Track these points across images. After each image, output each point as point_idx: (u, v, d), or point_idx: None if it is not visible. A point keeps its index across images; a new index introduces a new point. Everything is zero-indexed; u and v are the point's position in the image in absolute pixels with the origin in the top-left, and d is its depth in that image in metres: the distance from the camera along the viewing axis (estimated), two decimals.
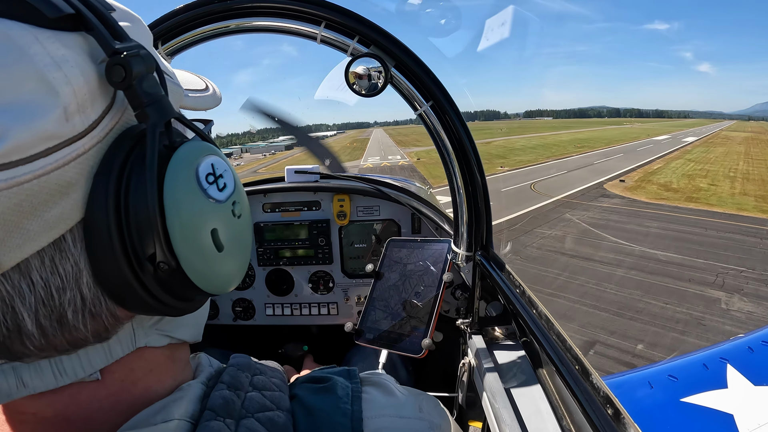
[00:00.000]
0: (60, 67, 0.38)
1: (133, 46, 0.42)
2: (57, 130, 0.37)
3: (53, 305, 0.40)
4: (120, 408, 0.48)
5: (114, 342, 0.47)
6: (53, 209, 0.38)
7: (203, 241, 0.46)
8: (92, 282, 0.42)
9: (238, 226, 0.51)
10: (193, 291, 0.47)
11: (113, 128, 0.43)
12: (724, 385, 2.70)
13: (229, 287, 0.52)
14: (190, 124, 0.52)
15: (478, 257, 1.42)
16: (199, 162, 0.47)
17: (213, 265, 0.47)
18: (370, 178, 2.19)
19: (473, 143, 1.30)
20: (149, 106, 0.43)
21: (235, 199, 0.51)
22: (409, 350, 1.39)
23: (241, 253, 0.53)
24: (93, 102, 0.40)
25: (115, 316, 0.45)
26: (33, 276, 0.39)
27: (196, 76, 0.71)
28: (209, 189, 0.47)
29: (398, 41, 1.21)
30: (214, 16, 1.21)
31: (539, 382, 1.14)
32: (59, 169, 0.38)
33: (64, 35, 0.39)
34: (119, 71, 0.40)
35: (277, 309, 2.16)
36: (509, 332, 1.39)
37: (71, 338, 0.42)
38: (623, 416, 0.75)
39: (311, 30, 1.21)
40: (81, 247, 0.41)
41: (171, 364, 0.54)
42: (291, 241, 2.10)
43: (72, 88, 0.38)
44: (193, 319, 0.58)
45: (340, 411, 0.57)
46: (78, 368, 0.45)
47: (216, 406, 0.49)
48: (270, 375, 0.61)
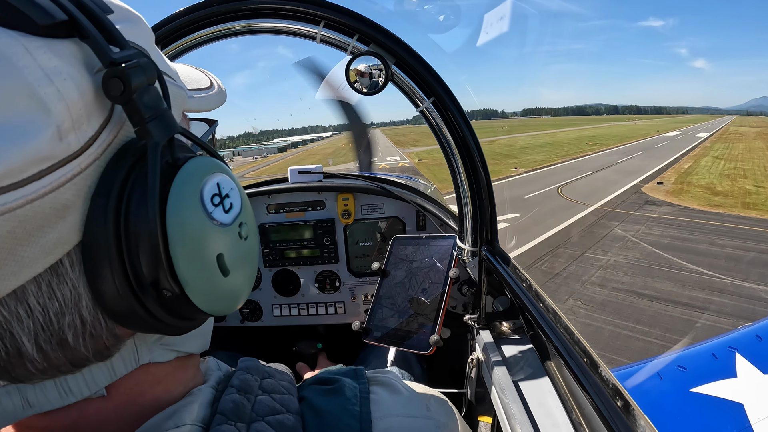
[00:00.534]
0: (52, 80, 0.35)
1: (133, 56, 0.39)
2: (50, 150, 0.35)
3: (53, 330, 0.39)
4: (128, 418, 0.47)
5: (117, 360, 0.46)
6: (49, 234, 0.36)
7: (208, 266, 0.44)
8: (92, 305, 0.41)
9: (245, 248, 0.50)
10: (196, 313, 0.46)
11: (111, 143, 0.40)
12: (734, 374, 2.70)
13: (235, 307, 0.51)
14: (196, 138, 0.50)
15: (484, 252, 1.41)
16: (205, 182, 0.45)
17: (218, 289, 0.46)
18: (373, 176, 2.19)
19: (476, 139, 1.30)
20: (151, 121, 0.40)
21: (242, 219, 0.49)
22: (417, 347, 1.39)
23: (247, 274, 0.51)
24: (89, 117, 0.38)
25: (115, 336, 0.44)
26: (30, 302, 0.37)
27: (199, 72, 0.68)
28: (215, 212, 0.45)
29: (398, 38, 1.21)
30: (213, 19, 1.21)
31: (548, 376, 1.14)
32: (54, 192, 0.35)
33: (56, 43, 0.37)
34: (117, 84, 0.38)
35: (284, 309, 2.16)
36: (517, 327, 1.39)
37: (73, 359, 0.42)
38: (633, 408, 0.75)
39: (310, 30, 1.21)
40: (79, 270, 0.39)
41: (180, 373, 0.54)
42: (296, 241, 2.10)
43: (66, 104, 0.36)
44: (200, 331, 0.57)
45: (348, 413, 0.57)
46: (83, 387, 0.45)
47: (226, 410, 0.49)
48: (279, 378, 0.61)
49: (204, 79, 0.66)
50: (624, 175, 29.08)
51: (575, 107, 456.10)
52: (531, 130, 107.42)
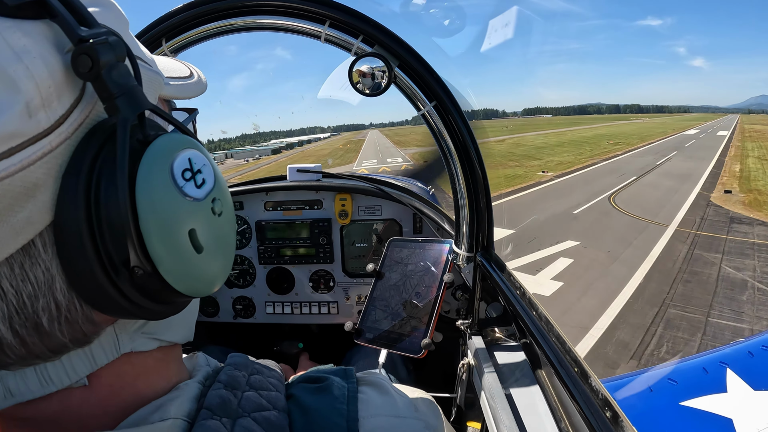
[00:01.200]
0: (21, 58, 0.35)
1: (102, 33, 0.39)
2: (19, 127, 0.34)
3: (27, 313, 0.39)
4: (112, 411, 0.47)
5: (97, 348, 0.45)
6: (19, 213, 0.36)
7: (180, 242, 0.43)
8: (66, 288, 0.40)
9: (219, 225, 0.49)
10: (172, 294, 0.45)
11: (83, 123, 0.40)
12: (724, 389, 2.70)
13: (212, 289, 0.50)
14: (166, 114, 0.49)
15: (479, 258, 1.42)
16: (175, 157, 0.44)
17: (192, 268, 0.45)
18: (372, 178, 2.19)
19: (476, 144, 1.30)
20: (119, 97, 0.40)
21: (215, 195, 0.48)
22: (408, 350, 1.39)
23: (223, 252, 0.50)
24: (59, 95, 0.37)
25: (92, 322, 0.43)
26: (3, 284, 0.37)
27: (179, 63, 0.68)
28: (186, 186, 0.44)
29: (402, 41, 1.22)
30: (219, 14, 1.21)
31: (538, 384, 1.14)
32: (24, 170, 0.35)
33: (25, 24, 0.36)
34: (85, 61, 0.37)
35: (277, 307, 2.16)
36: (509, 333, 1.39)
37: (50, 345, 0.41)
38: (621, 419, 0.75)
39: (316, 29, 1.21)
40: (52, 252, 0.39)
41: (163, 366, 0.53)
42: (292, 239, 2.10)
43: (35, 81, 0.35)
44: (182, 320, 0.56)
45: (336, 411, 0.57)
46: (63, 376, 0.44)
47: (213, 405, 0.49)
48: (267, 375, 0.61)
49: (184, 69, 0.66)
50: (676, 180, 23.82)
51: (577, 107, 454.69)
52: (537, 129, 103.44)
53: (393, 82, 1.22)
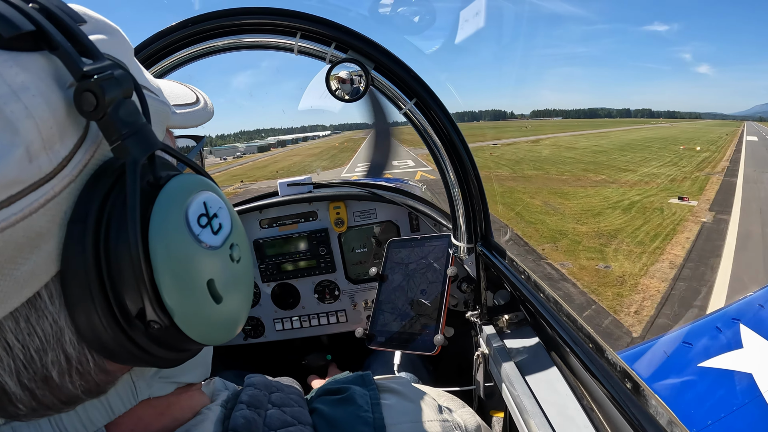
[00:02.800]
0: (19, 97, 0.32)
1: (106, 67, 0.36)
2: (19, 174, 0.32)
3: (35, 367, 0.36)
4: None
5: (113, 397, 0.44)
6: (23, 265, 0.33)
7: (198, 294, 0.40)
8: (76, 340, 0.38)
9: (238, 271, 0.46)
10: (190, 343, 0.42)
11: (88, 164, 0.37)
12: (740, 345, 2.70)
13: (233, 334, 0.47)
14: (179, 154, 0.46)
15: (480, 248, 1.42)
16: (190, 201, 0.41)
17: (211, 318, 0.42)
18: (363, 182, 2.19)
19: (462, 137, 1.30)
20: (128, 138, 0.37)
21: (233, 240, 0.45)
22: (421, 349, 1.39)
23: (241, 298, 0.48)
24: (62, 136, 0.35)
25: (105, 371, 0.41)
26: (8, 339, 0.35)
27: (185, 87, 0.64)
28: (202, 234, 0.41)
29: (375, 43, 1.22)
30: (189, 40, 1.21)
31: (555, 365, 1.14)
32: (26, 219, 0.32)
33: (23, 57, 0.34)
34: (89, 98, 0.34)
35: (286, 323, 2.15)
36: (519, 319, 1.39)
37: (62, 397, 0.39)
38: (643, 388, 0.75)
39: (288, 42, 1.21)
40: (59, 303, 0.36)
41: (184, 400, 0.52)
42: (292, 254, 2.09)
43: (35, 121, 0.32)
44: (200, 359, 0.54)
45: (362, 420, 0.56)
46: (79, 426, 0.42)
47: (238, 426, 0.48)
48: (287, 391, 0.60)
49: (189, 94, 0.62)
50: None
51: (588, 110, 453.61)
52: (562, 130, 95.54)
53: (371, 85, 1.22)
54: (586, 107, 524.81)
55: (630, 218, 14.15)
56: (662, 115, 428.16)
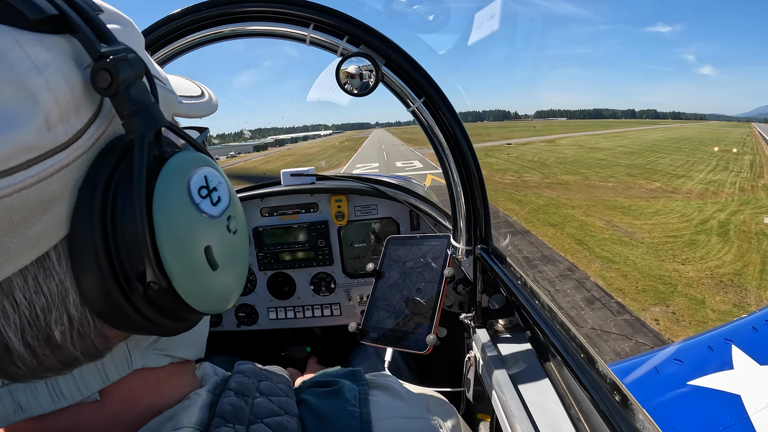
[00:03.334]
0: (41, 72, 0.35)
1: (121, 50, 0.40)
2: (38, 140, 0.35)
3: (39, 325, 0.39)
4: (124, 425, 0.47)
5: (109, 363, 0.46)
6: (35, 226, 0.36)
7: (196, 259, 0.43)
8: (79, 301, 0.40)
9: (234, 242, 0.49)
10: (186, 311, 0.45)
11: (100, 138, 0.41)
12: (730, 366, 2.71)
13: (226, 306, 0.50)
14: (183, 132, 0.49)
15: (478, 251, 1.42)
16: (192, 174, 0.44)
17: (207, 285, 0.45)
18: (366, 178, 2.19)
19: (467, 138, 1.30)
20: (137, 114, 0.40)
21: (230, 213, 0.48)
22: (413, 347, 1.40)
23: (236, 270, 0.51)
24: (77, 110, 0.38)
25: (104, 336, 0.43)
26: (16, 295, 0.37)
27: (191, 82, 0.68)
28: (202, 203, 0.44)
29: (387, 39, 1.21)
30: (203, 23, 1.21)
31: (545, 372, 1.14)
32: (41, 183, 0.35)
33: (46, 38, 0.37)
34: (105, 76, 0.38)
35: (280, 313, 2.16)
36: (513, 324, 1.39)
37: (62, 358, 0.41)
38: (631, 402, 0.75)
39: (300, 32, 1.21)
40: (66, 265, 0.39)
41: (175, 380, 0.53)
42: (290, 244, 2.10)
43: (54, 95, 0.36)
44: (194, 336, 0.56)
45: (348, 414, 0.57)
46: (75, 391, 0.44)
47: (225, 413, 0.49)
48: (276, 380, 0.61)
49: (195, 88, 0.66)
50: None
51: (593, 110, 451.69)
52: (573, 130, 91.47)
53: (381, 81, 1.22)
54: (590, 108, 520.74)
55: (737, 250, 10.34)
56: (667, 116, 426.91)
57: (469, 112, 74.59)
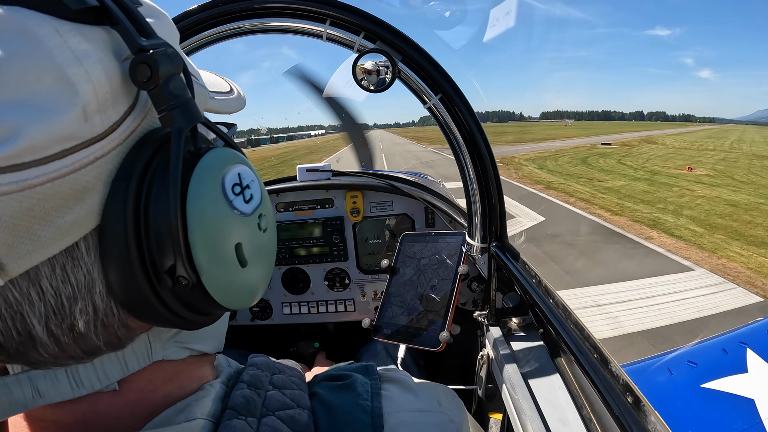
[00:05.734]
0: (81, 62, 0.36)
1: (160, 44, 0.40)
2: (75, 130, 0.35)
3: (64, 314, 0.39)
4: (140, 414, 0.47)
5: (129, 353, 0.46)
6: (67, 215, 0.36)
7: (227, 255, 0.43)
8: (105, 292, 0.40)
9: (263, 240, 0.49)
10: (211, 305, 0.45)
11: (135, 131, 0.41)
12: (744, 369, 2.68)
13: (251, 303, 0.50)
14: (218, 130, 0.50)
15: (493, 248, 1.41)
16: (226, 171, 0.44)
17: (235, 281, 0.45)
18: (382, 174, 2.19)
19: (484, 134, 1.30)
20: (175, 108, 0.40)
21: (262, 211, 0.48)
22: (427, 344, 1.40)
23: (264, 268, 0.51)
24: (115, 102, 0.38)
25: (127, 327, 0.43)
26: (43, 284, 0.37)
27: (220, 78, 0.68)
28: (235, 201, 0.44)
29: (404, 35, 1.21)
30: (221, 19, 1.22)
31: (558, 372, 1.14)
32: (75, 173, 0.35)
33: (86, 29, 0.37)
34: (144, 70, 0.38)
35: (294, 308, 2.17)
36: (527, 323, 1.39)
37: (84, 346, 0.41)
38: (643, 404, 0.75)
39: (317, 28, 1.21)
40: (95, 255, 0.39)
41: (194, 370, 0.53)
42: (305, 239, 2.11)
43: (93, 85, 0.36)
44: (215, 330, 0.56)
45: (360, 407, 0.57)
46: (94, 380, 0.44)
47: (237, 405, 0.49)
48: (289, 374, 0.61)
49: (224, 84, 0.66)
50: None
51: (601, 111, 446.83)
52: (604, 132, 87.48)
53: (397, 77, 1.22)
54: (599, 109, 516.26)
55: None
56: (677, 118, 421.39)
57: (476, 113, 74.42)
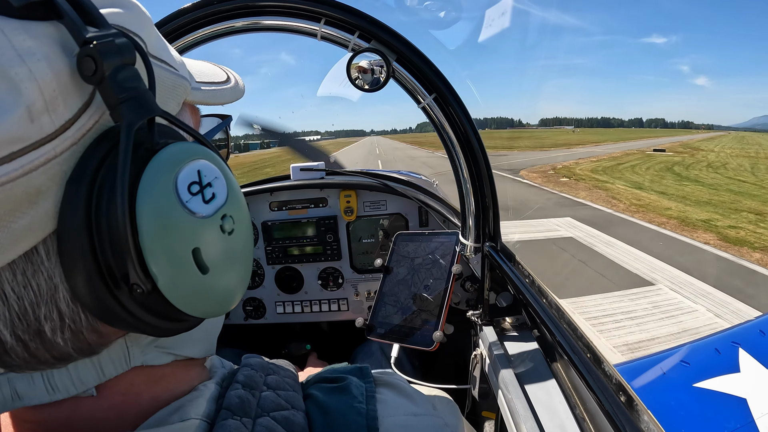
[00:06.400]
0: (24, 61, 0.33)
1: (108, 35, 0.37)
2: (20, 132, 0.33)
3: (29, 320, 0.38)
4: (128, 416, 0.46)
5: (105, 359, 0.44)
6: (21, 219, 0.34)
7: (182, 261, 0.40)
8: (69, 298, 0.38)
9: (229, 243, 0.45)
10: (178, 313, 0.42)
11: (92, 128, 0.38)
12: (737, 369, 2.69)
13: (226, 308, 0.47)
14: (177, 121, 0.45)
15: (487, 248, 1.41)
16: (181, 168, 0.41)
17: (197, 288, 0.42)
18: (375, 173, 2.19)
19: (477, 135, 1.30)
20: (125, 102, 0.37)
21: (227, 212, 0.44)
22: (420, 343, 1.40)
23: (234, 272, 0.47)
24: (65, 99, 0.36)
25: (98, 332, 0.41)
26: (5, 289, 0.36)
27: (217, 67, 0.65)
28: (191, 201, 0.41)
29: (399, 35, 1.21)
30: (215, 17, 1.21)
31: (551, 372, 1.14)
32: (26, 175, 0.34)
33: (32, 25, 0.35)
34: (89, 63, 0.35)
35: (287, 307, 2.17)
36: (520, 322, 1.39)
37: (54, 353, 0.40)
38: (636, 403, 0.75)
39: (312, 27, 1.21)
40: (55, 260, 0.37)
41: (182, 373, 0.52)
42: (299, 238, 2.10)
43: (37, 84, 0.34)
44: (202, 334, 0.54)
45: (355, 410, 0.56)
46: (69, 385, 0.43)
47: (232, 406, 0.49)
48: (283, 374, 0.61)
49: (220, 73, 0.63)
50: None
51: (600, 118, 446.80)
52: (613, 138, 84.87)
53: (392, 77, 1.22)
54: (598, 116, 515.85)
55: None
56: (676, 125, 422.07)
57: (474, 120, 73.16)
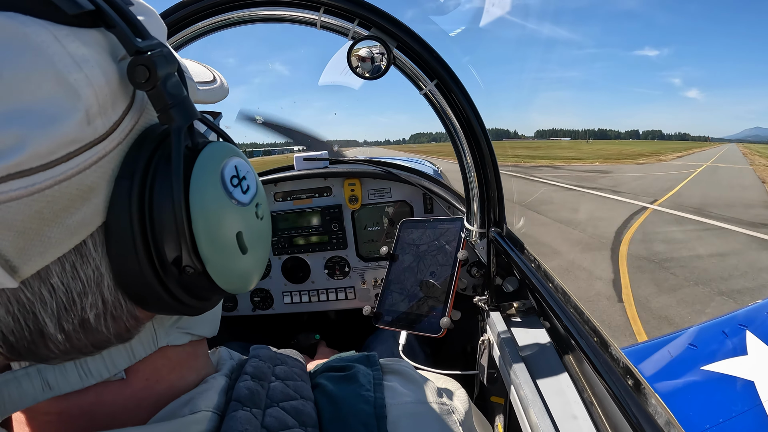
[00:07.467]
0: (81, 67, 0.36)
1: (156, 45, 0.41)
2: (78, 134, 0.36)
3: (75, 310, 0.40)
4: (145, 405, 0.48)
5: (136, 342, 0.47)
6: (75, 215, 0.37)
7: (229, 244, 0.45)
8: (113, 285, 0.42)
9: (261, 228, 0.51)
10: (214, 291, 0.47)
11: (133, 129, 0.42)
12: (744, 351, 2.68)
13: (250, 287, 0.52)
14: (213, 124, 0.51)
15: (492, 234, 1.41)
16: (224, 164, 0.46)
17: (236, 267, 0.47)
18: (379, 161, 2.19)
19: (480, 120, 1.29)
20: (173, 107, 0.42)
21: (258, 200, 0.50)
22: (428, 330, 1.40)
23: (262, 253, 0.53)
24: (114, 103, 0.39)
25: (135, 318, 0.44)
26: (53, 281, 0.38)
27: (202, 66, 0.68)
28: (234, 192, 0.46)
29: (399, 21, 1.20)
30: (213, 9, 1.20)
31: (558, 356, 1.14)
32: (80, 174, 0.37)
33: (83, 32, 0.38)
34: (143, 71, 0.39)
35: (294, 297, 2.18)
36: (527, 307, 1.39)
37: (94, 340, 0.42)
38: (644, 386, 0.75)
39: (311, 16, 1.20)
40: (102, 251, 0.40)
41: (193, 360, 0.54)
42: (304, 228, 2.11)
43: (93, 89, 0.37)
44: (212, 315, 0.58)
45: (362, 398, 0.57)
46: (102, 369, 0.45)
47: (242, 397, 0.50)
48: (291, 365, 0.62)
49: (207, 73, 0.66)
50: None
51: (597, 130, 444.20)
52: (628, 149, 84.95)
53: (393, 64, 1.21)
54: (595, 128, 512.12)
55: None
56: (673, 137, 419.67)
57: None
